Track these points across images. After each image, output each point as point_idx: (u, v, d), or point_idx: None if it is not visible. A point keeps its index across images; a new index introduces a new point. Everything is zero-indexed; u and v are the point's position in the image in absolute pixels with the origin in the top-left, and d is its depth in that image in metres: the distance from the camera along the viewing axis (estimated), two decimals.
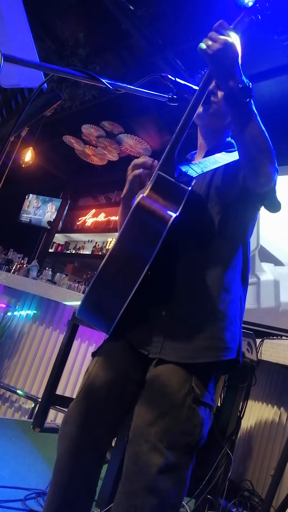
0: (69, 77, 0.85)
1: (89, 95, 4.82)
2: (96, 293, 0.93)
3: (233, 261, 1.02)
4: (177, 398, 0.89)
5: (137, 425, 0.89)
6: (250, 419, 2.39)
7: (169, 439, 0.86)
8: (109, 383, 0.96)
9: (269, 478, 2.07)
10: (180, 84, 0.99)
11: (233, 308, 1.00)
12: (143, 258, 0.88)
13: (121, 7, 3.90)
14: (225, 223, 1.01)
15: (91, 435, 0.93)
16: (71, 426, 0.93)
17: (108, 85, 0.86)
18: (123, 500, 0.85)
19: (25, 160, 5.71)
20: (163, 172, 0.93)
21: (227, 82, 0.88)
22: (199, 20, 3.62)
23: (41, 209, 8.30)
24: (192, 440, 0.89)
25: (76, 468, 0.93)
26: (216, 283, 0.98)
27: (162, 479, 0.84)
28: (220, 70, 0.88)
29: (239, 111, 0.89)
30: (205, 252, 1.00)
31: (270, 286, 3.28)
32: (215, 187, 1.04)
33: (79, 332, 2.65)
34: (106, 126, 5.54)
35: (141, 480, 0.84)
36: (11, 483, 1.65)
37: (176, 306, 0.97)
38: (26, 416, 3.08)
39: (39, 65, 0.85)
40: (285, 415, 2.26)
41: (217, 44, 0.87)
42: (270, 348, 2.02)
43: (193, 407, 0.90)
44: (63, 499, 0.93)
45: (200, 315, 0.97)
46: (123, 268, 0.90)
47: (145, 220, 0.88)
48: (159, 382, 0.92)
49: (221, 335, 0.96)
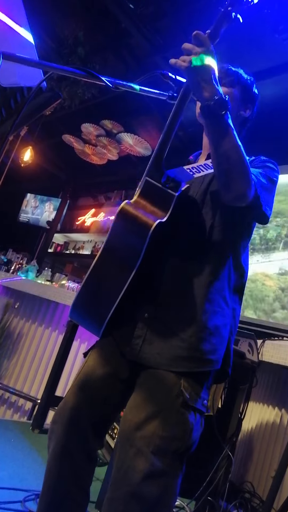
0: (69, 75, 0.83)
1: (88, 94, 4.81)
2: (86, 297, 0.94)
3: (222, 271, 1.00)
4: (165, 402, 0.87)
5: (123, 429, 0.88)
6: (251, 420, 2.38)
7: (156, 444, 0.84)
8: (98, 383, 0.96)
9: (270, 480, 2.06)
10: (180, 82, 0.98)
11: (216, 319, 0.97)
12: (129, 264, 0.87)
13: (121, 6, 3.89)
14: (217, 230, 1.00)
15: (77, 434, 0.93)
16: (58, 425, 0.94)
17: (107, 83, 0.85)
18: (107, 505, 0.84)
19: (24, 159, 5.70)
20: (150, 178, 0.92)
21: (202, 93, 0.86)
22: (199, 19, 3.61)
23: (39, 208, 8.29)
24: (181, 445, 0.86)
25: (64, 467, 0.92)
26: (200, 291, 0.96)
27: (147, 485, 0.81)
28: (194, 82, 0.86)
29: (213, 123, 0.86)
30: (194, 258, 0.99)
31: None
32: (211, 192, 1.03)
33: (78, 333, 2.64)
34: (106, 125, 5.53)
35: (125, 485, 0.82)
36: (10, 484, 1.64)
37: (158, 310, 0.96)
38: (25, 417, 3.07)
39: (38, 63, 0.84)
40: (286, 417, 2.25)
41: (191, 56, 0.85)
42: (271, 349, 2.01)
43: (182, 411, 0.88)
44: (52, 497, 0.92)
45: (180, 323, 0.95)
46: (110, 272, 0.90)
47: (128, 226, 0.88)
48: (148, 385, 0.91)
49: (199, 346, 0.93)
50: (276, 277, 3.40)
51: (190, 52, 0.85)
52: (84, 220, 7.92)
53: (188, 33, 4.05)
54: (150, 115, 5.46)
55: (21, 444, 2.16)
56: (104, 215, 7.58)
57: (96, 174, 7.33)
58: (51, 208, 8.18)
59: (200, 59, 0.84)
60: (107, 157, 6.20)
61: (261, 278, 3.49)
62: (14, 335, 3.41)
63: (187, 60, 0.85)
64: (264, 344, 2.03)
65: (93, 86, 4.69)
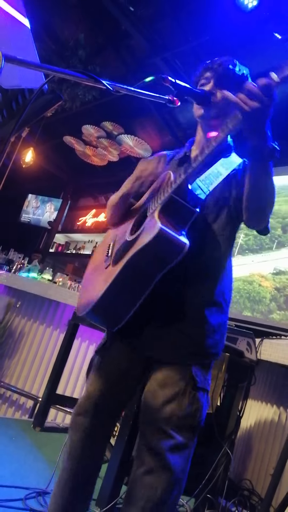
0: (70, 78, 0.85)
1: (89, 96, 4.83)
2: (106, 301, 1.02)
3: (223, 274, 1.10)
4: (179, 387, 1.01)
5: (144, 413, 1.03)
6: (249, 418, 2.39)
7: (175, 422, 0.99)
8: (115, 379, 1.10)
9: (268, 478, 2.07)
10: (180, 86, 1.00)
11: (219, 318, 1.08)
12: (151, 276, 0.96)
13: (121, 8, 3.91)
14: (219, 232, 1.08)
15: (102, 425, 1.09)
16: (83, 417, 1.08)
17: (108, 86, 0.87)
18: (140, 479, 0.99)
19: (25, 160, 5.72)
20: (176, 195, 0.97)
21: (259, 139, 0.87)
22: (199, 21, 3.63)
23: (40, 209, 8.31)
24: (194, 422, 1.02)
25: (90, 454, 1.09)
26: (207, 295, 1.06)
27: (173, 457, 0.98)
28: (253, 127, 0.86)
29: (262, 166, 0.92)
30: (201, 264, 1.06)
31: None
32: (211, 195, 1.06)
33: (79, 332, 2.66)
34: (107, 127, 5.56)
35: (155, 460, 0.97)
36: (11, 482, 1.65)
37: (168, 312, 1.05)
38: (27, 415, 3.08)
39: (40, 66, 0.86)
40: (284, 415, 2.27)
41: (255, 103, 0.82)
42: (270, 347, 2.02)
43: (193, 393, 1.02)
44: (75, 482, 1.08)
45: (189, 323, 1.05)
46: (132, 283, 1.00)
47: (162, 248, 0.94)
48: (162, 374, 1.04)
49: (205, 343, 1.05)
50: (272, 277, 3.42)
51: (255, 97, 0.81)
52: (85, 221, 7.94)
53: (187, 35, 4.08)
54: (150, 117, 5.49)
55: (23, 442, 2.17)
56: (105, 215, 7.59)
57: (97, 175, 7.35)
58: (52, 208, 8.20)
59: (266, 109, 0.82)
60: (107, 158, 6.22)
61: (258, 279, 3.50)
62: (16, 334, 3.43)
63: (249, 105, 0.82)
64: (263, 343, 2.04)
65: (93, 88, 4.70)
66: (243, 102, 0.82)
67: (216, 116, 1.11)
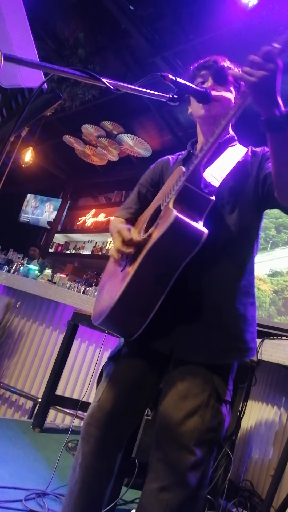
0: (70, 76, 0.84)
1: (89, 95, 4.82)
2: (121, 310, 0.96)
3: (249, 263, 1.05)
4: (201, 399, 0.95)
5: (163, 426, 0.97)
6: (250, 419, 2.38)
7: (197, 438, 0.93)
8: (130, 386, 1.03)
9: (269, 478, 2.06)
10: (180, 84, 0.98)
11: (252, 310, 1.03)
12: (172, 272, 0.91)
13: (121, 7, 3.90)
14: (239, 222, 1.02)
15: (115, 436, 1.02)
16: (95, 428, 1.01)
17: (108, 84, 0.86)
18: (155, 495, 0.93)
19: (25, 160, 5.71)
20: (190, 184, 0.93)
21: (270, 109, 0.84)
22: (199, 20, 3.62)
23: (39, 208, 8.31)
24: (216, 436, 0.97)
25: (102, 467, 1.02)
26: (236, 285, 1.01)
27: (192, 475, 0.92)
28: (263, 97, 0.84)
29: (281, 136, 0.87)
30: (224, 254, 1.02)
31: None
32: (227, 187, 1.04)
33: (79, 332, 2.65)
34: (106, 126, 5.55)
35: (171, 476, 0.92)
36: (10, 483, 1.64)
37: (196, 307, 0.99)
38: (26, 416, 3.07)
39: (39, 64, 0.85)
40: (285, 415, 2.26)
41: (261, 72, 0.81)
42: (270, 348, 2.02)
43: (217, 406, 0.96)
44: (89, 495, 1.01)
45: (222, 316, 1.00)
46: (149, 285, 0.94)
47: (178, 236, 0.89)
48: (183, 384, 0.97)
49: (241, 337, 0.99)
50: (269, 280, 3.40)
51: (259, 66, 0.81)
52: (84, 221, 7.94)
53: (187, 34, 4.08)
54: (150, 116, 5.48)
55: (22, 443, 2.17)
56: (105, 215, 7.59)
57: (97, 175, 7.34)
58: (51, 208, 8.20)
59: (272, 77, 0.81)
60: (107, 157, 6.21)
61: (256, 283, 3.46)
62: (15, 334, 3.42)
63: (255, 75, 0.81)
64: (263, 343, 2.03)
65: (93, 87, 4.70)
66: (248, 74, 0.81)
67: (217, 115, 1.08)
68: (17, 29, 1.36)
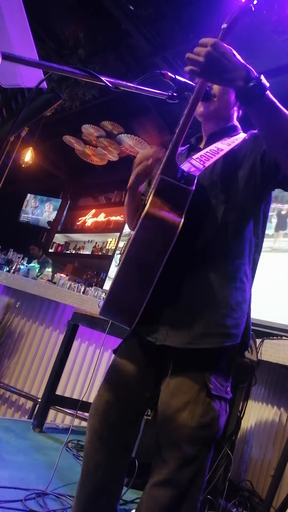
0: (69, 75, 0.84)
1: (89, 95, 4.82)
2: (116, 296, 0.98)
3: (240, 246, 1.02)
4: (190, 395, 0.93)
5: (158, 424, 0.97)
6: (250, 419, 2.38)
7: (187, 434, 0.91)
8: (129, 377, 1.02)
9: (269, 478, 2.06)
10: (179, 81, 0.98)
11: (238, 295, 1.00)
12: (156, 263, 0.92)
13: (121, 7, 3.90)
14: (230, 210, 1.00)
15: (112, 425, 1.00)
16: (94, 417, 1.01)
17: (107, 83, 0.86)
18: (148, 491, 0.94)
19: (25, 160, 5.71)
20: (165, 176, 0.93)
21: (233, 82, 0.83)
22: (199, 20, 3.62)
23: (39, 208, 8.32)
24: (209, 433, 0.94)
25: (100, 458, 0.99)
26: (221, 271, 0.99)
27: (181, 472, 0.90)
28: (219, 73, 0.83)
29: (256, 107, 0.85)
30: (211, 239, 1.01)
31: None
32: (216, 176, 1.03)
33: (79, 332, 2.65)
34: (106, 126, 5.55)
35: (161, 474, 0.92)
36: (10, 483, 1.64)
37: (179, 292, 0.99)
38: (26, 416, 3.07)
39: (38, 63, 0.85)
40: (285, 415, 2.26)
41: (205, 48, 0.82)
42: (270, 348, 2.01)
43: (208, 401, 0.94)
44: (90, 487, 0.99)
45: (204, 302, 0.98)
46: (138, 273, 0.95)
47: (155, 229, 0.91)
48: (174, 381, 0.97)
49: (222, 322, 0.97)
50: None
51: (206, 44, 0.83)
52: (84, 221, 7.94)
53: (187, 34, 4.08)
54: (150, 116, 5.48)
55: (22, 443, 2.16)
56: (105, 215, 7.59)
57: (97, 175, 7.34)
58: (51, 208, 8.21)
59: (216, 50, 0.81)
60: (107, 158, 6.22)
61: None
62: (15, 334, 3.42)
63: (201, 54, 0.82)
64: (263, 343, 2.03)
65: (93, 87, 4.70)
66: (197, 54, 0.83)
67: (215, 112, 1.09)
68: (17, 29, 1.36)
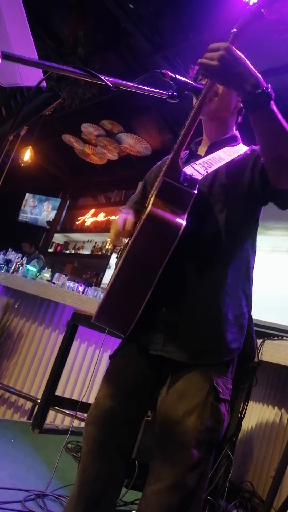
0: (68, 74, 0.83)
1: (88, 94, 4.81)
2: (112, 302, 0.97)
3: (238, 261, 1.02)
4: (200, 398, 0.93)
5: (163, 426, 0.95)
6: (250, 420, 2.38)
7: (196, 437, 0.91)
8: (128, 384, 1.01)
9: (269, 479, 2.06)
10: (180, 81, 0.98)
11: (235, 310, 1.01)
12: (155, 266, 0.91)
13: (121, 6, 3.89)
14: (228, 220, 1.01)
15: (113, 435, 0.99)
16: (93, 426, 0.99)
17: (107, 82, 0.85)
18: (152, 497, 0.92)
19: (24, 159, 5.70)
20: (168, 178, 0.93)
21: (241, 87, 0.85)
22: (199, 19, 3.61)
23: (37, 208, 8.30)
24: (215, 436, 0.94)
25: (101, 467, 0.98)
26: (219, 283, 0.99)
27: (190, 476, 0.90)
28: (229, 77, 0.86)
29: (259, 114, 0.87)
30: (209, 251, 1.01)
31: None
32: (218, 184, 1.03)
33: (78, 333, 2.64)
34: (106, 125, 5.54)
35: (168, 478, 0.90)
36: (10, 484, 1.64)
37: (176, 304, 0.99)
38: (25, 417, 3.06)
39: (37, 62, 0.84)
40: (286, 416, 2.25)
41: (218, 52, 0.84)
42: (271, 348, 2.01)
43: (215, 404, 0.94)
44: (89, 496, 0.97)
45: (201, 315, 0.98)
46: (136, 276, 0.94)
47: (156, 230, 0.90)
48: (181, 382, 0.96)
49: (222, 337, 0.97)
50: None
51: (217, 49, 0.85)
52: (84, 220, 7.93)
53: (187, 33, 4.06)
54: (150, 115, 5.47)
55: (21, 444, 2.16)
56: (104, 215, 7.58)
57: (96, 174, 7.33)
58: (50, 207, 8.20)
59: (229, 54, 0.83)
60: (107, 157, 6.21)
61: None
62: (14, 335, 3.41)
63: (215, 57, 0.84)
64: (264, 344, 2.02)
65: (93, 86, 4.69)
66: (209, 58, 0.85)
67: (215, 112, 1.09)
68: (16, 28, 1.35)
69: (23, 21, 1.37)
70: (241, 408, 1.93)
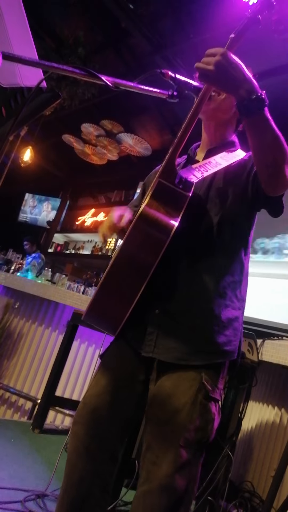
0: (68, 74, 0.83)
1: (88, 94, 4.81)
2: (102, 301, 0.95)
3: (232, 264, 1.02)
4: (189, 396, 0.91)
5: (151, 425, 0.93)
6: (250, 420, 2.38)
7: (184, 437, 0.89)
8: (117, 384, 0.99)
9: (269, 479, 2.06)
10: (180, 81, 0.98)
11: (228, 313, 1.00)
12: (146, 266, 0.89)
13: (121, 6, 3.89)
14: (224, 225, 1.01)
15: (99, 434, 0.96)
16: (79, 425, 0.97)
17: (107, 82, 0.85)
18: (141, 499, 0.90)
19: (24, 159, 5.70)
20: (163, 180, 0.93)
21: (236, 91, 0.86)
22: (199, 19, 3.61)
23: (37, 208, 8.30)
24: (204, 435, 0.92)
25: (86, 467, 0.95)
26: (211, 286, 0.99)
27: (178, 477, 0.87)
28: (225, 82, 0.87)
29: (253, 120, 0.87)
30: (203, 254, 1.01)
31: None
32: (215, 189, 1.04)
33: (78, 333, 2.64)
34: (106, 125, 5.53)
35: (158, 479, 0.88)
36: (10, 484, 1.64)
37: (169, 305, 0.98)
38: (25, 417, 3.06)
39: (37, 62, 0.84)
40: (286, 416, 2.25)
41: (215, 58, 0.85)
42: (271, 348, 2.01)
43: (205, 403, 0.92)
44: (74, 496, 0.95)
45: (193, 316, 0.97)
46: (127, 276, 0.92)
47: (148, 230, 0.90)
48: (170, 381, 0.95)
49: (214, 339, 0.96)
50: None
51: (214, 55, 0.86)
52: (84, 220, 7.93)
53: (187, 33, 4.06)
54: (150, 115, 5.47)
55: (21, 444, 2.16)
56: (104, 215, 7.58)
57: (96, 174, 7.33)
58: (49, 207, 8.20)
59: (225, 59, 0.85)
60: (107, 157, 6.20)
61: None
62: (14, 335, 3.41)
63: (212, 62, 0.85)
64: (264, 343, 2.03)
65: (93, 86, 4.69)
66: (206, 63, 0.86)
67: (214, 112, 1.09)
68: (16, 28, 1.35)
69: (23, 21, 1.37)
70: (241, 408, 1.93)
